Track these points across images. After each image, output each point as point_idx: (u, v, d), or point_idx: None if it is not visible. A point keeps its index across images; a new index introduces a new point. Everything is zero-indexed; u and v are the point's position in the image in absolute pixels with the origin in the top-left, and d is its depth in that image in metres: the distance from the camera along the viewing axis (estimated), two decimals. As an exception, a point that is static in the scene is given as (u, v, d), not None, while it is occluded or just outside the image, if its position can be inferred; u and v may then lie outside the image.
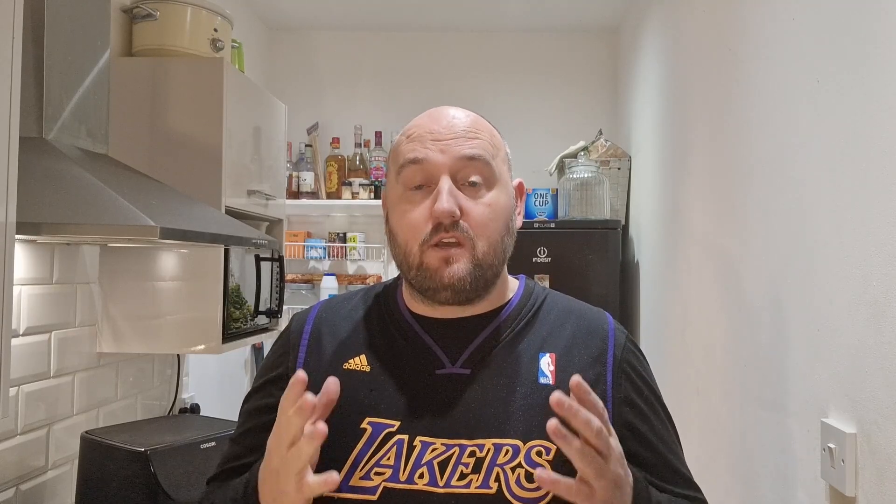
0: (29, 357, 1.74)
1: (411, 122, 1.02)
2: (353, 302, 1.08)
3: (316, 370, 0.98)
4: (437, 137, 0.97)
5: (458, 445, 0.92)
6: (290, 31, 3.64)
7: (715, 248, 1.98)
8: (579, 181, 3.07)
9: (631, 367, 1.00)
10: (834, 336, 1.28)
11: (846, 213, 1.24)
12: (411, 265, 0.96)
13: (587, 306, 1.07)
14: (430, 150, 0.96)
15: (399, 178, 0.98)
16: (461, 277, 0.94)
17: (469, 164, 0.96)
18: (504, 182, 1.00)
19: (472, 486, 0.90)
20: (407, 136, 1.00)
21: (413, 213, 0.96)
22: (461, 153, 0.96)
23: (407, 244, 0.96)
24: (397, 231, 0.98)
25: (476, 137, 0.98)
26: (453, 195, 0.94)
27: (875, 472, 1.14)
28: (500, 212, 0.98)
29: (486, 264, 0.96)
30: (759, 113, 1.66)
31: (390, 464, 0.92)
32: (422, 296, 0.99)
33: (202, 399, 2.60)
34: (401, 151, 0.99)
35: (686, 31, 2.34)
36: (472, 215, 0.95)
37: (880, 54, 1.14)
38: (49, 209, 1.31)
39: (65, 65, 1.55)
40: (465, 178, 0.96)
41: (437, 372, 0.97)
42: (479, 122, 1.01)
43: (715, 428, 1.91)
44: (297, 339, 1.03)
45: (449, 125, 0.98)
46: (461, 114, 1.00)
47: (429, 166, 0.96)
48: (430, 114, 1.01)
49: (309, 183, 3.42)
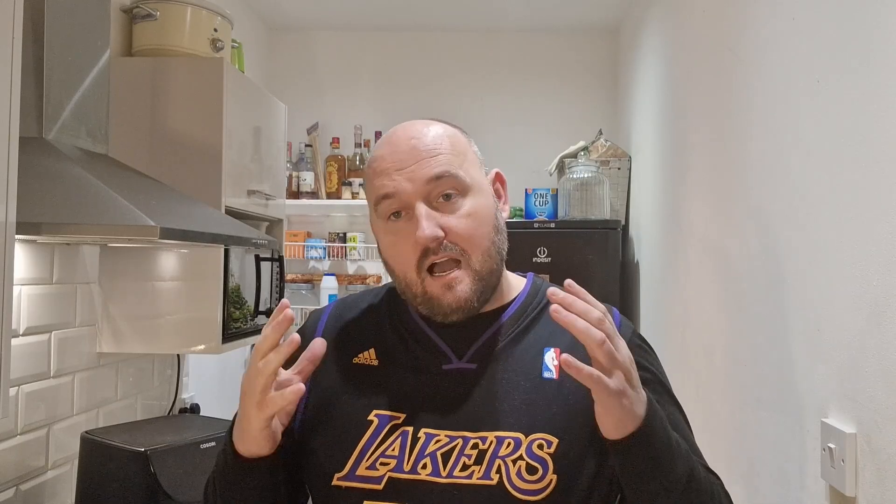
0: (29, 357, 1.74)
1: (374, 153, 1.02)
2: (365, 301, 1.11)
3: (328, 364, 1.01)
4: (401, 166, 0.97)
5: (462, 437, 0.94)
6: (290, 31, 3.64)
7: (715, 248, 1.97)
8: (579, 181, 3.07)
9: (637, 361, 1.00)
10: (834, 336, 1.28)
11: (846, 213, 1.24)
12: (416, 294, 0.98)
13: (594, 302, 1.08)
14: (397, 181, 0.97)
15: (377, 211, 1.00)
16: (467, 299, 0.97)
17: (438, 182, 0.96)
18: (478, 185, 1.00)
19: (473, 477, 0.92)
20: (373, 169, 1.00)
21: (400, 246, 0.98)
22: (427, 175, 0.96)
23: (405, 275, 0.98)
24: (392, 264, 1.00)
25: (438, 154, 0.98)
26: (432, 218, 0.95)
27: (875, 472, 1.14)
28: (483, 217, 0.99)
29: (487, 272, 0.98)
30: (759, 113, 1.66)
31: (395, 454, 0.94)
32: (431, 317, 1.01)
33: (202, 399, 2.60)
34: (372, 187, 1.00)
35: (686, 31, 2.34)
36: (456, 231, 0.96)
37: (880, 54, 1.14)
38: (49, 209, 1.31)
39: (65, 65, 1.55)
40: (438, 195, 0.97)
41: (443, 367, 0.99)
42: (438, 134, 1.00)
43: (715, 428, 1.91)
44: (312, 334, 1.06)
45: (410, 150, 0.98)
46: (420, 131, 1.00)
47: (402, 196, 0.96)
48: (388, 140, 1.01)
49: (309, 183, 3.42)
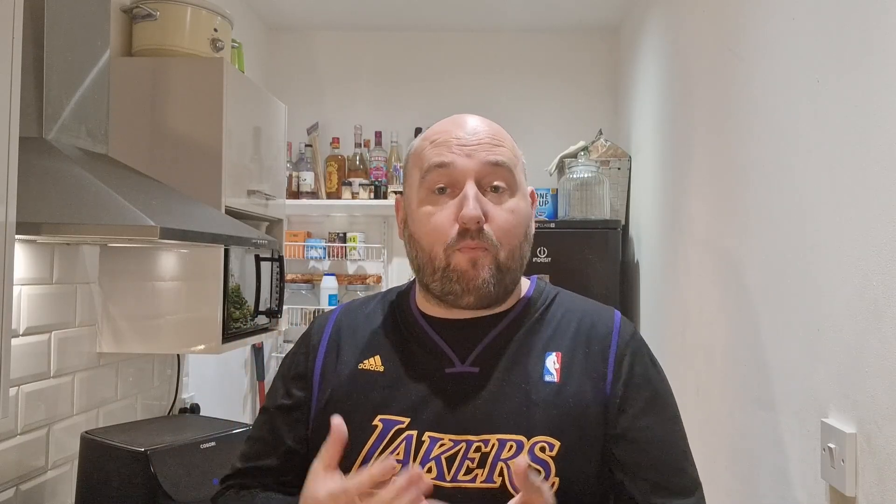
0: (29, 357, 1.74)
1: (434, 128, 1.03)
2: (370, 306, 1.10)
3: (334, 370, 1.03)
4: (463, 143, 0.98)
5: (465, 441, 0.94)
6: (290, 31, 3.64)
7: (715, 248, 1.97)
8: (579, 181, 3.07)
9: (630, 365, 1.00)
10: (834, 336, 1.28)
11: (846, 212, 1.24)
12: (437, 268, 0.97)
13: (596, 305, 1.08)
14: (456, 154, 0.97)
15: (423, 182, 0.99)
16: (485, 280, 0.96)
17: (494, 170, 0.98)
18: (524, 191, 1.02)
19: (477, 480, 0.92)
20: (431, 141, 1.01)
21: (437, 217, 0.97)
22: (487, 159, 0.98)
23: (432, 248, 0.97)
24: (420, 235, 0.99)
25: (500, 145, 1.00)
26: (479, 200, 0.96)
27: (875, 472, 1.14)
28: (522, 219, 1.00)
29: (506, 269, 0.98)
30: (759, 113, 1.66)
31: (400, 459, 0.94)
32: (442, 300, 1.00)
33: (202, 399, 2.60)
34: (425, 156, 1.00)
35: (686, 31, 2.34)
36: (496, 221, 0.97)
37: (880, 54, 1.14)
38: (49, 209, 1.31)
39: (65, 65, 1.55)
40: (489, 183, 0.98)
41: (446, 371, 0.99)
42: (501, 131, 1.03)
43: (715, 428, 1.91)
44: (318, 341, 1.06)
45: (473, 131, 1.00)
46: (484, 122, 1.02)
47: (455, 170, 0.97)
48: (453, 120, 1.03)
49: (309, 183, 3.42)
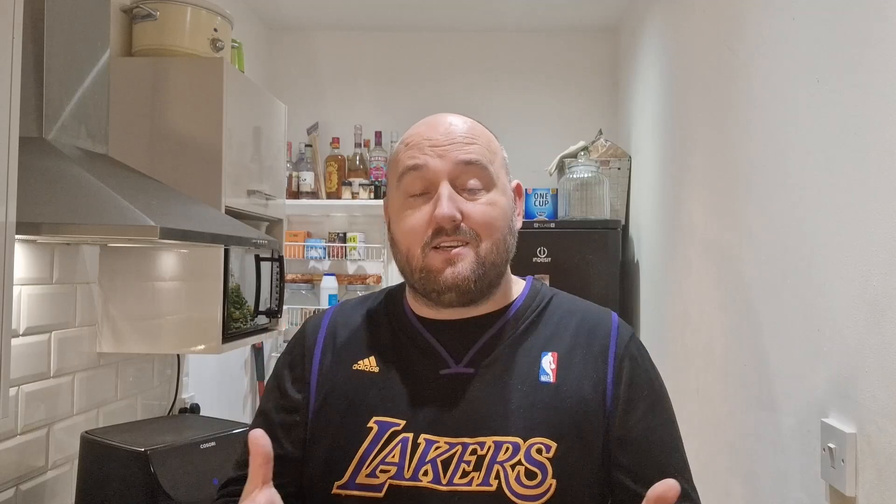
0: (29, 357, 1.74)
1: (409, 131, 1.03)
2: (364, 306, 1.10)
3: (329, 371, 1.02)
4: (435, 144, 0.98)
5: (461, 443, 0.93)
6: (290, 31, 3.64)
7: (715, 248, 1.97)
8: (579, 181, 3.06)
9: (631, 367, 1.00)
10: (834, 336, 1.28)
11: (846, 213, 1.24)
12: (414, 269, 0.98)
13: (593, 306, 1.08)
14: (428, 156, 0.98)
15: (399, 186, 1.00)
16: (465, 277, 0.96)
17: (467, 168, 0.98)
18: (502, 186, 1.02)
19: (473, 483, 0.92)
20: (405, 144, 1.01)
21: (413, 219, 0.97)
22: (459, 158, 0.97)
23: (409, 249, 0.98)
24: (399, 237, 1.00)
25: (473, 143, 0.99)
26: (453, 200, 0.96)
27: (875, 472, 1.14)
28: (501, 211, 0.99)
29: (490, 263, 0.97)
30: (759, 113, 1.66)
31: (395, 461, 0.93)
32: (426, 299, 1.00)
33: (202, 399, 2.60)
34: (400, 159, 1.01)
35: (686, 31, 2.34)
36: (473, 216, 0.97)
37: (880, 54, 1.14)
38: (49, 209, 1.31)
39: (65, 65, 1.55)
40: (464, 182, 0.98)
41: (441, 372, 0.98)
42: (475, 127, 1.02)
43: (715, 428, 1.91)
44: (313, 342, 1.05)
45: (446, 132, 0.99)
46: (458, 120, 1.02)
47: (428, 172, 0.97)
48: (427, 122, 1.03)
49: (309, 183, 3.42)
